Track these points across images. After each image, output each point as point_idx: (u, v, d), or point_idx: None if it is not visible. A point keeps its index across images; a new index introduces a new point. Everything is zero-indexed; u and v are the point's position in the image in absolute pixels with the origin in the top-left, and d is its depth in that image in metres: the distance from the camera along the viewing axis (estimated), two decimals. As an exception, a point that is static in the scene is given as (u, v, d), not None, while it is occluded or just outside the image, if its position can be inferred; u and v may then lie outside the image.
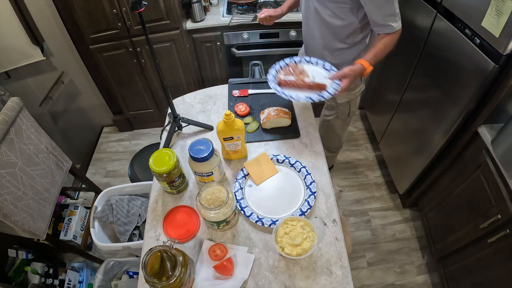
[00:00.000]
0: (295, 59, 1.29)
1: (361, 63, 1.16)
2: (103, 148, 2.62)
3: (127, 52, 2.04)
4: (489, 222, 1.20)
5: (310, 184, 1.04)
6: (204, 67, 2.30)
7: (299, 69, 1.24)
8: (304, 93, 1.16)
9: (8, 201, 1.15)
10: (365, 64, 1.15)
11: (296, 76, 1.20)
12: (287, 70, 1.25)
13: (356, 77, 1.18)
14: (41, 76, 2.17)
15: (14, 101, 1.28)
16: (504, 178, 1.13)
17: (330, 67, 1.26)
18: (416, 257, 1.83)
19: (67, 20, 1.94)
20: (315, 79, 1.19)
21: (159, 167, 0.94)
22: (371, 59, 1.17)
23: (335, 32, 1.27)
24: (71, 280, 1.63)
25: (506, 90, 1.14)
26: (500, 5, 1.05)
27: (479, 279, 1.31)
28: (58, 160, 1.51)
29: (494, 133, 1.25)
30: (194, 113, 1.36)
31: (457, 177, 1.46)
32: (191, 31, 2.07)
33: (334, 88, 1.15)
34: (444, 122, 1.48)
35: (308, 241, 0.86)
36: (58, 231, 1.78)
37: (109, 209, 1.48)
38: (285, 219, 0.90)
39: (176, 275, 0.74)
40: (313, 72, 1.23)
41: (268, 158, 1.12)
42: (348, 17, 1.21)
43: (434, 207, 1.69)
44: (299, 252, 0.84)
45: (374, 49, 1.18)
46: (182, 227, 0.99)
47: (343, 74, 1.15)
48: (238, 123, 1.01)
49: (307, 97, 1.13)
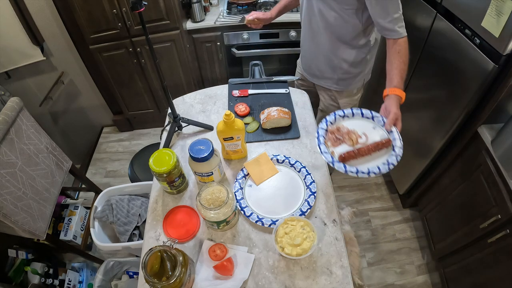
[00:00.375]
0: (328, 119, 1.05)
1: (395, 93, 1.06)
2: (103, 148, 2.62)
3: (127, 52, 2.04)
4: (489, 222, 1.20)
5: (310, 184, 1.04)
6: (204, 67, 2.31)
7: (344, 130, 1.03)
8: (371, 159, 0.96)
9: (8, 201, 1.15)
10: (399, 93, 1.06)
11: (349, 141, 1.00)
12: (333, 137, 1.02)
13: None
14: (41, 76, 2.17)
15: (14, 101, 1.28)
16: (504, 178, 1.13)
17: (371, 113, 1.06)
18: (416, 257, 1.83)
19: (67, 20, 1.95)
20: (368, 134, 1.01)
21: (159, 167, 0.94)
22: (399, 83, 1.07)
23: (339, 34, 1.24)
24: (71, 280, 1.63)
25: (506, 90, 1.14)
26: (500, 5, 1.05)
27: (479, 279, 1.31)
28: (58, 160, 1.51)
29: (494, 133, 1.25)
30: (194, 113, 1.36)
31: (457, 177, 1.46)
32: (191, 31, 2.07)
33: (398, 139, 0.96)
34: (444, 122, 1.48)
35: (308, 241, 0.86)
36: (58, 231, 1.78)
37: (109, 209, 1.48)
38: (285, 219, 0.90)
39: (176, 275, 0.74)
40: (355, 126, 1.04)
41: (268, 158, 1.12)
42: (352, 19, 1.18)
43: (434, 207, 1.69)
44: (299, 252, 0.84)
45: (395, 70, 1.09)
46: (182, 227, 0.99)
47: (396, 116, 1.01)
48: (238, 123, 1.01)
49: (383, 164, 0.93)
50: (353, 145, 0.98)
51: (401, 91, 1.06)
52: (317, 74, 1.47)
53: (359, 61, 1.35)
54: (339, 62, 1.34)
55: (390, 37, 1.12)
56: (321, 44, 1.32)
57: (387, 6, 1.07)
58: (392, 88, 1.07)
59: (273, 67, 2.36)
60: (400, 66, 1.09)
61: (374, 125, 1.04)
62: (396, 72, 1.08)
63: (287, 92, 1.40)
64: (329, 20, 1.21)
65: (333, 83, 1.45)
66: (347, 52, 1.31)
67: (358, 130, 1.02)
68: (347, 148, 0.98)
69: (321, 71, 1.43)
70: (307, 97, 1.41)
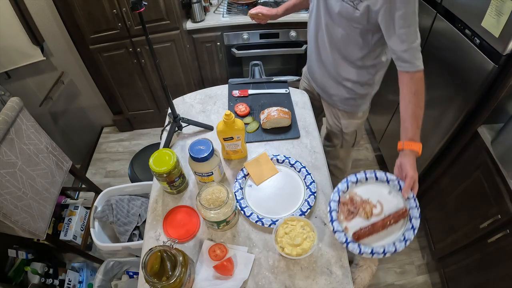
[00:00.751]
0: (340, 188, 0.96)
1: (412, 148, 0.94)
2: (103, 148, 2.62)
3: (127, 52, 2.04)
4: (489, 222, 1.20)
5: (310, 184, 1.04)
6: (204, 67, 2.31)
7: (358, 200, 0.94)
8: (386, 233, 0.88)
9: (8, 201, 1.15)
10: (416, 147, 0.95)
11: (363, 213, 0.91)
12: (346, 210, 0.93)
13: None
14: (41, 76, 2.17)
15: (14, 101, 1.28)
16: (504, 178, 1.13)
17: (386, 176, 0.96)
18: (416, 257, 1.83)
19: (67, 20, 1.95)
20: (383, 202, 0.93)
21: (159, 167, 0.94)
22: (415, 133, 0.95)
23: (345, 53, 1.14)
24: (71, 280, 1.63)
25: (506, 90, 1.14)
26: (500, 5, 1.05)
27: (479, 279, 1.31)
28: (58, 160, 1.51)
29: (494, 133, 1.25)
30: (194, 113, 1.36)
31: (457, 177, 1.46)
32: (191, 31, 2.07)
33: (415, 207, 0.90)
34: (444, 122, 1.48)
35: (308, 241, 0.86)
36: (58, 231, 1.78)
37: (109, 209, 1.48)
38: (285, 219, 0.90)
39: (176, 275, 0.74)
40: (370, 193, 0.95)
41: (268, 158, 1.12)
42: (360, 39, 1.07)
43: (434, 207, 1.69)
44: (299, 252, 0.84)
45: (411, 118, 0.95)
46: (182, 227, 0.99)
47: (412, 180, 0.92)
48: (238, 123, 1.01)
49: (400, 242, 0.85)
50: (368, 217, 0.90)
51: (418, 144, 0.95)
52: (322, 87, 1.36)
53: (365, 81, 1.22)
54: (343, 80, 1.24)
55: (405, 70, 0.97)
56: (326, 60, 1.22)
57: (404, 32, 0.93)
58: (408, 141, 0.95)
59: (273, 67, 2.36)
60: (417, 112, 0.95)
61: (390, 189, 0.95)
62: (412, 120, 0.95)
63: (287, 92, 1.40)
64: (334, 37, 1.12)
65: (338, 100, 1.33)
66: (351, 72, 1.19)
67: (373, 197, 0.94)
68: (361, 223, 0.90)
69: (326, 86, 1.32)
70: (307, 97, 1.41)
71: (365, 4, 0.95)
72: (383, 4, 0.91)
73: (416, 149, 0.95)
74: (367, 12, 0.97)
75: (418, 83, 0.96)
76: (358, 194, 0.95)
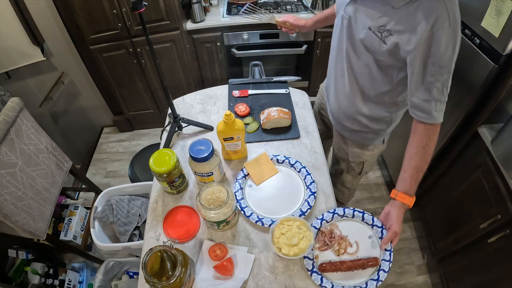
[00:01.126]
0: (325, 217, 0.95)
1: (404, 201, 0.89)
2: (103, 148, 2.63)
3: (127, 53, 2.04)
4: (489, 222, 1.20)
5: (310, 184, 1.04)
6: (204, 67, 2.31)
7: (337, 234, 0.93)
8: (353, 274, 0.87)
9: (8, 201, 1.15)
10: (408, 202, 0.90)
11: (337, 249, 0.90)
12: (322, 240, 0.92)
13: None
14: (41, 77, 2.17)
15: (15, 101, 1.28)
16: (504, 178, 1.13)
17: (372, 220, 0.94)
18: (416, 257, 1.83)
19: (67, 21, 1.95)
20: (360, 244, 0.91)
21: (159, 167, 0.94)
22: (412, 187, 0.91)
23: (363, 86, 1.02)
24: (71, 280, 1.63)
25: (506, 90, 1.14)
26: (500, 5, 1.06)
27: (479, 279, 1.31)
28: (58, 160, 1.51)
29: (494, 133, 1.25)
30: (194, 113, 1.36)
31: (457, 177, 1.46)
32: (191, 31, 2.07)
33: (387, 263, 0.86)
34: (444, 122, 1.46)
35: (305, 241, 0.86)
36: (58, 231, 1.78)
37: (109, 209, 1.48)
38: (281, 220, 0.90)
39: (176, 275, 0.74)
40: (351, 231, 0.93)
41: (268, 158, 1.12)
42: (382, 75, 0.94)
43: (434, 207, 1.69)
44: (297, 252, 0.84)
45: (413, 171, 0.90)
46: (182, 227, 0.99)
47: (394, 235, 0.87)
48: (238, 124, 1.01)
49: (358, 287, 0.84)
50: (339, 255, 0.89)
51: (411, 199, 0.90)
52: (333, 113, 1.24)
53: (381, 118, 1.10)
54: (356, 114, 1.11)
55: (421, 120, 0.88)
56: (341, 87, 1.09)
57: (433, 80, 0.81)
58: (402, 194, 0.91)
59: (273, 67, 2.36)
60: (421, 166, 0.89)
61: (372, 234, 0.93)
62: (413, 173, 0.90)
63: (287, 92, 1.40)
64: (354, 66, 0.99)
65: (346, 130, 1.22)
66: (368, 107, 1.07)
67: (352, 236, 0.92)
68: (332, 256, 0.90)
69: (339, 115, 1.19)
70: (307, 97, 1.41)
71: (395, 40, 0.81)
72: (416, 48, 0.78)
73: (408, 203, 0.90)
74: (395, 49, 0.83)
75: (432, 137, 0.88)
76: (339, 228, 0.94)
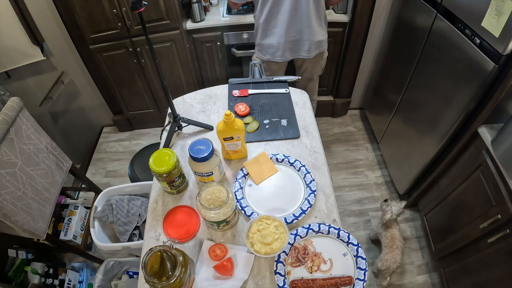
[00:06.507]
0: (299, 233, 0.93)
1: None
2: (103, 148, 2.63)
3: (127, 52, 2.04)
4: (489, 222, 1.20)
5: (310, 183, 1.04)
6: (204, 67, 2.30)
7: (311, 250, 0.90)
8: None
9: (8, 201, 1.15)
10: None
11: (311, 266, 0.88)
12: (295, 256, 0.89)
13: None
14: (41, 76, 2.17)
15: (14, 101, 1.28)
16: (504, 178, 1.13)
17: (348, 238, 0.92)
18: (416, 257, 1.83)
19: (67, 20, 1.94)
20: (334, 262, 0.89)
21: (159, 167, 0.94)
22: None
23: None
24: (71, 280, 1.63)
25: (506, 90, 1.14)
26: (500, 5, 1.06)
27: (479, 279, 1.31)
28: (58, 160, 1.51)
29: (494, 133, 1.25)
30: (194, 113, 1.36)
31: (457, 177, 1.46)
32: (191, 31, 2.07)
33: (362, 280, 0.85)
34: (444, 122, 1.48)
35: (279, 242, 0.85)
36: (58, 231, 1.78)
37: (109, 209, 1.48)
38: (261, 216, 0.89)
39: (176, 275, 0.74)
40: (325, 248, 0.91)
41: (268, 157, 1.12)
42: None
43: (434, 207, 1.69)
44: (268, 251, 0.84)
45: None
46: (182, 227, 0.99)
47: None
48: (238, 123, 1.01)
49: None
50: (311, 272, 0.87)
51: None
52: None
53: None
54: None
55: None
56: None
57: None
58: None
59: (273, 67, 2.36)
60: None
61: (347, 252, 0.90)
62: None
63: (287, 92, 1.40)
64: None
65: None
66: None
67: (326, 253, 0.90)
68: (304, 273, 0.87)
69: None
70: (307, 97, 1.41)
71: None
72: None
73: None
74: None
75: None
76: (313, 244, 0.92)
